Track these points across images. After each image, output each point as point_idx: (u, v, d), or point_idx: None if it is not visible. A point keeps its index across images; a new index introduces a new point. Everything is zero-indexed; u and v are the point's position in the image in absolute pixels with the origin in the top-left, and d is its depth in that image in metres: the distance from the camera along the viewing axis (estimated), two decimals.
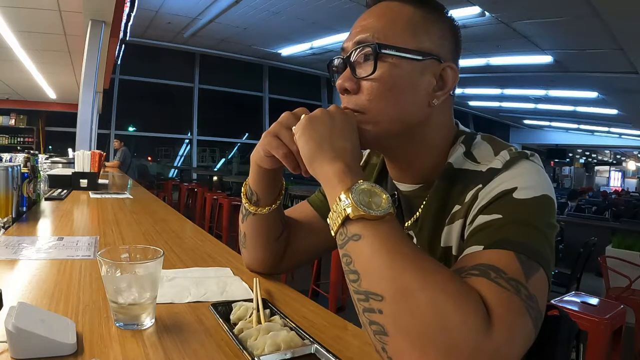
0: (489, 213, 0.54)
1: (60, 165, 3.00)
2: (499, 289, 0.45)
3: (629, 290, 2.81)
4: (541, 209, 0.54)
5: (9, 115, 9.55)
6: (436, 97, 0.62)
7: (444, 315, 0.41)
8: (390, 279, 0.43)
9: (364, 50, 0.60)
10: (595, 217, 6.10)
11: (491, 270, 0.46)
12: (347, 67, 0.62)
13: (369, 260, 0.45)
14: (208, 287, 0.74)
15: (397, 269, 0.44)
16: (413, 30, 0.60)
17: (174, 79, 10.07)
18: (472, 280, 0.46)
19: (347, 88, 0.62)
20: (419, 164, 0.66)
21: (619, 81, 7.53)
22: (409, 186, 0.69)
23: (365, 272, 0.45)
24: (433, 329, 0.41)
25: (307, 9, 6.31)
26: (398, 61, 0.59)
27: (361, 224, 0.46)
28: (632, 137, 15.55)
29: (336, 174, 0.52)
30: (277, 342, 0.51)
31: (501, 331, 0.42)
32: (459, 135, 0.66)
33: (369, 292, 0.44)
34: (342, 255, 0.48)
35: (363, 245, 0.46)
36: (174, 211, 1.78)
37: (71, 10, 4.27)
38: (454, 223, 0.60)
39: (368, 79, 0.60)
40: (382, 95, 0.60)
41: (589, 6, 4.65)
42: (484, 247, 0.50)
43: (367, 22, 0.62)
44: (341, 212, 0.48)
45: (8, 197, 1.22)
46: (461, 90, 10.73)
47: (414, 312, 0.42)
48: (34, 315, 0.49)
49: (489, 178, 0.58)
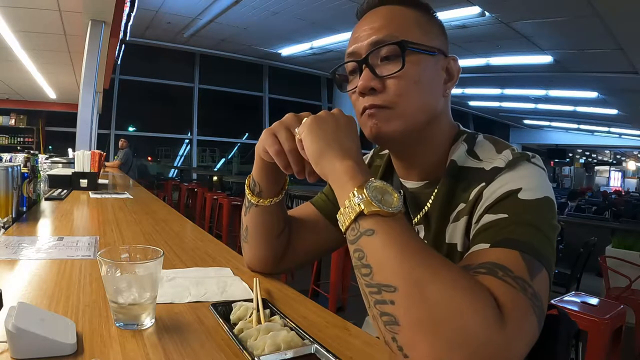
0: (495, 212, 0.56)
1: (60, 165, 3.00)
2: (507, 287, 0.46)
3: (629, 290, 2.81)
4: (545, 210, 0.56)
5: (9, 115, 9.55)
6: (447, 87, 0.67)
7: (456, 307, 0.42)
8: (404, 271, 0.44)
9: (385, 50, 0.63)
10: (595, 217, 6.10)
11: (498, 268, 0.48)
12: (366, 69, 0.63)
13: (383, 254, 0.46)
14: (208, 287, 0.74)
15: (410, 262, 0.45)
16: (423, 28, 0.64)
17: (174, 79, 10.07)
18: (481, 277, 0.47)
19: (374, 87, 0.63)
20: (425, 161, 0.69)
21: (619, 81, 7.53)
22: (415, 183, 0.71)
23: (378, 265, 0.46)
24: (445, 318, 0.41)
25: (307, 9, 6.31)
26: (419, 56, 0.63)
27: (375, 220, 0.47)
28: (632, 137, 15.55)
29: (347, 171, 0.52)
30: (277, 342, 0.51)
31: (511, 326, 0.43)
32: (461, 134, 0.70)
33: (382, 284, 0.45)
34: (353, 250, 0.49)
35: (377, 240, 0.46)
36: (174, 211, 1.78)
37: (71, 10, 4.27)
38: (459, 221, 0.63)
39: (394, 76, 0.62)
40: (410, 90, 0.63)
41: (589, 6, 4.66)
42: (490, 245, 0.52)
43: (377, 25, 0.64)
44: (354, 207, 0.48)
45: (8, 197, 1.22)
46: (461, 90, 10.73)
47: (426, 303, 0.42)
48: (34, 315, 0.49)
49: (492, 177, 0.60)
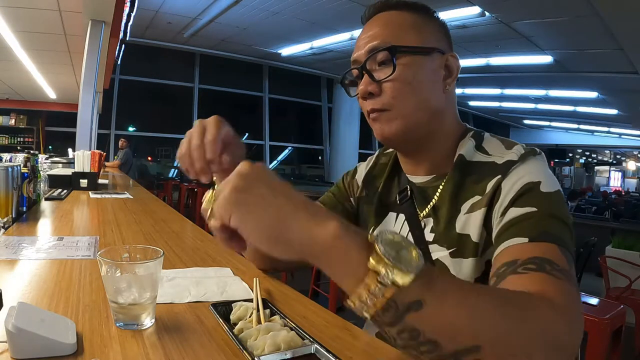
0: (521, 205, 0.59)
1: (60, 165, 3.00)
2: (559, 281, 0.49)
3: (629, 290, 2.81)
4: (563, 204, 0.60)
5: (9, 115, 9.55)
6: (447, 84, 0.69)
7: (534, 334, 0.42)
8: (478, 330, 0.40)
9: (380, 55, 0.66)
10: (595, 217, 6.10)
11: (546, 263, 0.51)
12: (365, 74, 0.67)
13: (448, 321, 0.39)
14: (208, 287, 0.74)
15: (478, 317, 0.40)
16: (417, 30, 0.67)
17: (174, 79, 10.08)
18: (532, 275, 0.50)
19: (371, 91, 0.67)
20: (432, 156, 0.72)
21: (619, 81, 7.53)
22: (422, 178, 0.73)
23: (447, 336, 0.39)
24: (527, 346, 0.41)
25: (307, 9, 6.30)
26: (411, 58, 0.66)
27: (417, 289, 0.38)
28: (632, 137, 15.54)
29: (339, 236, 0.39)
30: (277, 342, 0.51)
31: (571, 317, 0.46)
32: (468, 131, 0.73)
33: (459, 350, 0.40)
34: (397, 331, 0.40)
35: (430, 312, 0.38)
36: (174, 211, 1.78)
37: (71, 10, 4.27)
38: (474, 212, 0.64)
39: (388, 79, 0.66)
40: (404, 90, 0.66)
41: (589, 6, 4.65)
42: (529, 239, 0.54)
43: (374, 32, 0.68)
44: (384, 285, 0.37)
45: (8, 197, 1.22)
46: (461, 90, 10.72)
47: (511, 345, 0.41)
48: (34, 315, 0.49)
49: (506, 169, 0.63)
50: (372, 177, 0.84)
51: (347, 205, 0.87)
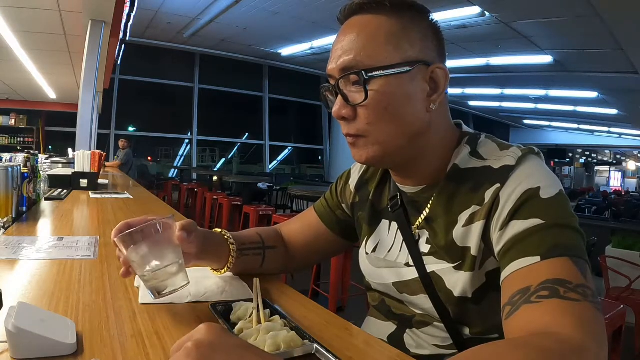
0: (524, 217, 0.55)
1: (60, 165, 3.00)
2: (575, 306, 0.47)
3: (629, 290, 2.81)
4: (567, 205, 0.56)
5: (9, 115, 9.55)
6: (432, 101, 0.62)
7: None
8: None
9: (352, 77, 0.60)
10: (595, 217, 6.11)
11: (559, 285, 0.48)
12: (338, 96, 0.62)
13: None
14: (208, 287, 0.73)
15: None
16: (394, 42, 0.59)
17: (174, 79, 10.08)
18: (546, 304, 0.48)
19: (345, 116, 0.62)
20: (422, 169, 0.67)
21: (619, 81, 7.53)
22: (413, 188, 0.69)
23: None
24: None
25: (307, 9, 6.31)
26: (387, 80, 0.59)
27: None
28: (632, 137, 15.55)
29: None
30: (277, 342, 0.51)
31: (594, 337, 0.45)
32: (463, 136, 0.67)
33: None
34: None
35: None
36: (174, 211, 1.78)
37: (71, 10, 4.27)
38: (473, 224, 0.60)
39: (362, 105, 0.60)
40: (380, 117, 0.60)
41: (589, 6, 4.66)
42: (541, 257, 0.52)
43: (346, 43, 0.60)
44: None
45: (8, 197, 1.22)
46: (461, 90, 10.73)
47: None
48: (34, 315, 0.49)
49: (504, 176, 0.59)
50: (364, 182, 0.81)
51: (339, 213, 0.85)
